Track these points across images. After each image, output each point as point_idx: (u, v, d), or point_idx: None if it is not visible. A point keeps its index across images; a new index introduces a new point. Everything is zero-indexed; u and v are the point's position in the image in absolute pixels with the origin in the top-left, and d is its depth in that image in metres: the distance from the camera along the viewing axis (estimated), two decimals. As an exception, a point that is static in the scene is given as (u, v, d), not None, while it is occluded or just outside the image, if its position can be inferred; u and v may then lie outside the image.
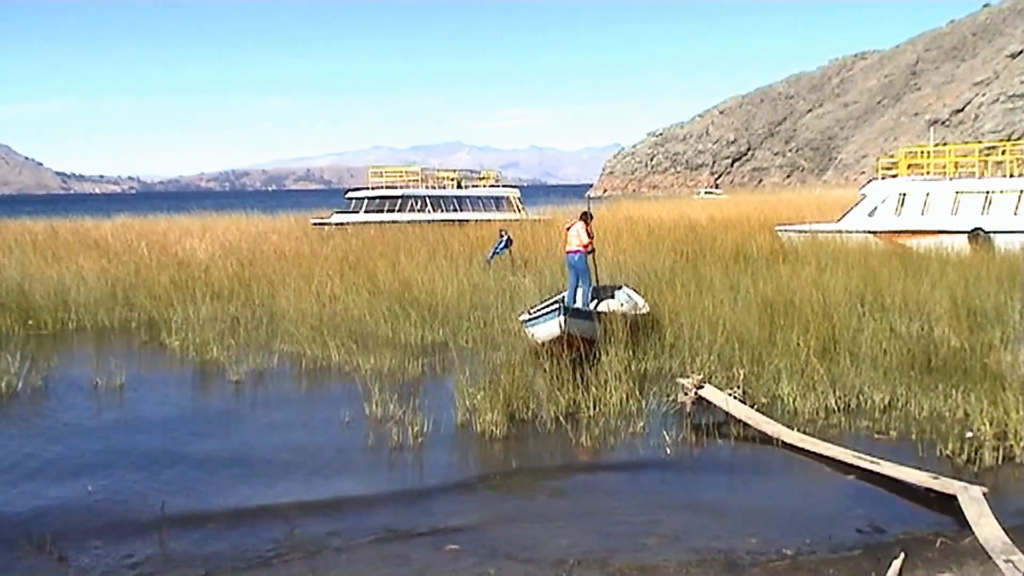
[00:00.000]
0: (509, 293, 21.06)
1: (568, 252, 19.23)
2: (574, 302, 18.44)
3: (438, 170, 55.84)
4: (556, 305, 16.15)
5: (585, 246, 18.96)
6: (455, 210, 47.04)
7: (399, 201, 47.04)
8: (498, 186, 55.35)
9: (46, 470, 11.16)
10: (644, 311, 17.38)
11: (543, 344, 15.72)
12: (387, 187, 50.40)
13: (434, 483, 10.65)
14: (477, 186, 53.71)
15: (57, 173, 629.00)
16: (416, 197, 47.59)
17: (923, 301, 17.40)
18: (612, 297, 19.32)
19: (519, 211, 49.35)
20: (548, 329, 15.87)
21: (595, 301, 19.07)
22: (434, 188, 50.50)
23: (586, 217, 19.62)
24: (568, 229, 19.57)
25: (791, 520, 9.31)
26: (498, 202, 50.09)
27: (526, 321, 16.67)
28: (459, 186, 51.97)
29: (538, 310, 17.08)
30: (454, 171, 55.16)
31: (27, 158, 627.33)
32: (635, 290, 19.40)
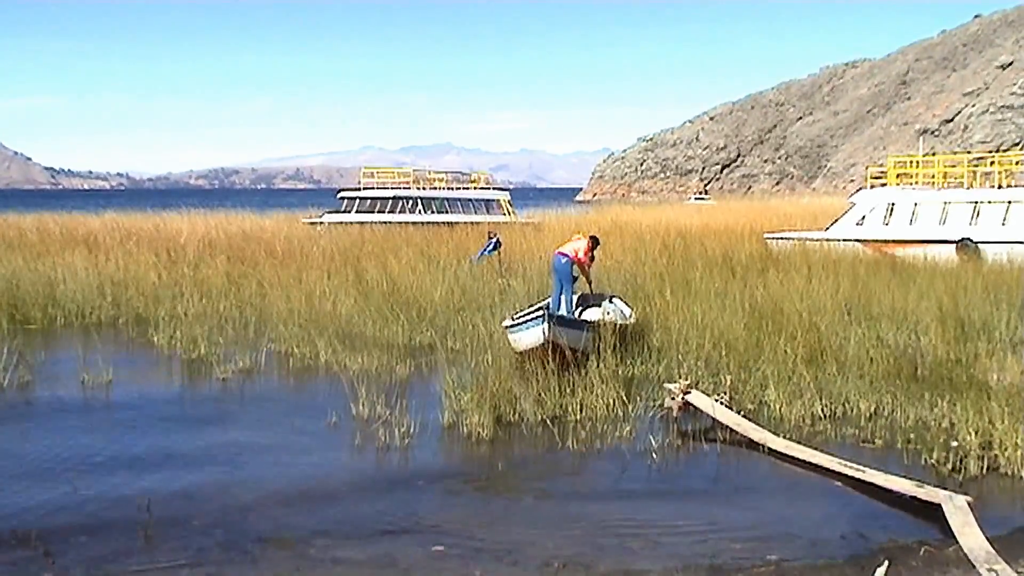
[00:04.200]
0: (497, 295, 21.06)
1: (557, 253, 18.63)
2: (559, 308, 17.96)
3: (429, 172, 55.87)
4: (540, 312, 15.59)
5: (577, 256, 18.41)
6: (446, 212, 47.06)
7: (390, 202, 47.09)
8: (488, 189, 55.36)
9: (32, 465, 11.13)
10: (630, 321, 17.10)
11: (526, 351, 15.30)
12: (379, 188, 50.48)
13: (420, 484, 10.65)
14: (468, 188, 53.73)
15: (46, 168, 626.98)
16: (407, 198, 47.62)
17: (910, 310, 17.47)
18: (598, 306, 18.93)
19: (509, 214, 49.39)
20: (531, 336, 15.30)
21: (580, 309, 18.85)
22: (425, 189, 50.54)
23: (595, 241, 19.18)
24: (573, 236, 19.12)
25: (776, 526, 9.34)
26: (488, 205, 50.12)
27: (509, 327, 16.09)
28: (449, 188, 52.03)
29: (522, 316, 16.58)
30: (445, 173, 55.19)
31: (16, 152, 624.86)
32: (623, 300, 19.09)
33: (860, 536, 9.04)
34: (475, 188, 54.20)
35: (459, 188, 53.00)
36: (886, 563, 8.16)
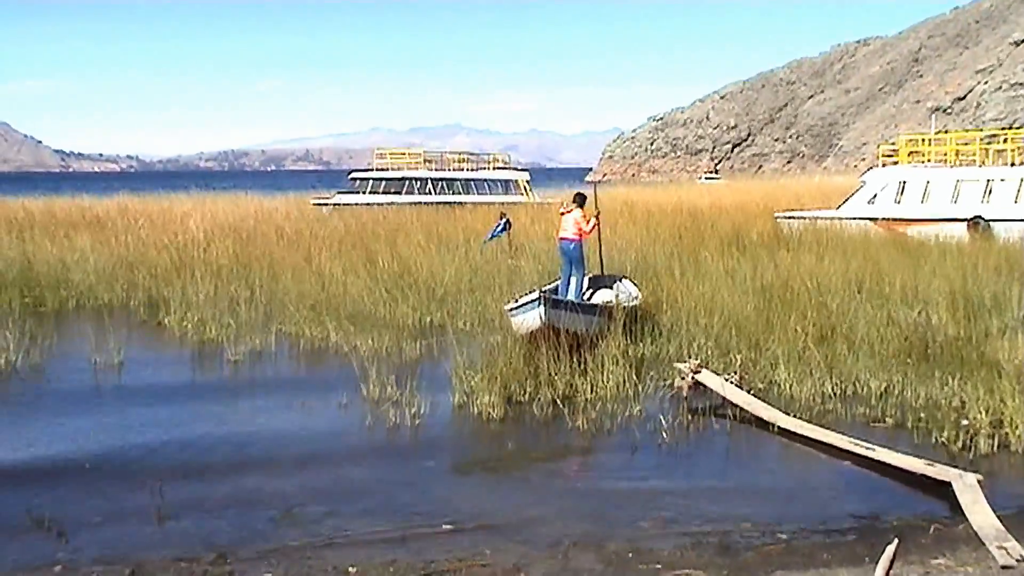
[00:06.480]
0: (507, 276, 21.03)
1: (562, 239, 17.86)
2: (567, 291, 17.48)
3: (445, 152, 55.75)
4: (538, 295, 14.97)
5: (580, 230, 17.66)
6: (461, 192, 46.91)
7: (405, 183, 46.96)
8: (506, 169, 55.06)
9: (44, 448, 11.21)
10: (636, 303, 16.83)
11: (532, 333, 14.66)
12: (392, 168, 50.33)
13: (431, 464, 10.70)
14: (485, 169, 53.46)
15: (56, 151, 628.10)
16: (422, 179, 47.49)
17: (921, 289, 17.42)
18: (608, 288, 18.59)
19: (527, 194, 49.16)
20: (530, 319, 14.81)
21: (590, 291, 18.49)
22: (441, 170, 50.38)
23: (579, 200, 18.07)
24: (563, 215, 18.18)
25: (786, 505, 9.36)
26: (506, 185, 49.89)
27: (511, 310, 15.53)
28: (468, 169, 51.86)
29: (524, 299, 15.87)
30: (461, 154, 55.01)
31: (26, 136, 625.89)
32: (632, 281, 18.80)
33: (870, 514, 9.05)
34: (492, 168, 53.96)
35: (477, 169, 52.81)
36: (896, 541, 8.14)
